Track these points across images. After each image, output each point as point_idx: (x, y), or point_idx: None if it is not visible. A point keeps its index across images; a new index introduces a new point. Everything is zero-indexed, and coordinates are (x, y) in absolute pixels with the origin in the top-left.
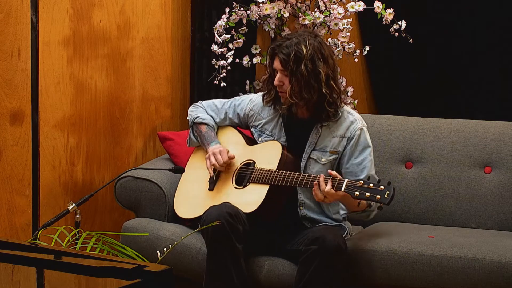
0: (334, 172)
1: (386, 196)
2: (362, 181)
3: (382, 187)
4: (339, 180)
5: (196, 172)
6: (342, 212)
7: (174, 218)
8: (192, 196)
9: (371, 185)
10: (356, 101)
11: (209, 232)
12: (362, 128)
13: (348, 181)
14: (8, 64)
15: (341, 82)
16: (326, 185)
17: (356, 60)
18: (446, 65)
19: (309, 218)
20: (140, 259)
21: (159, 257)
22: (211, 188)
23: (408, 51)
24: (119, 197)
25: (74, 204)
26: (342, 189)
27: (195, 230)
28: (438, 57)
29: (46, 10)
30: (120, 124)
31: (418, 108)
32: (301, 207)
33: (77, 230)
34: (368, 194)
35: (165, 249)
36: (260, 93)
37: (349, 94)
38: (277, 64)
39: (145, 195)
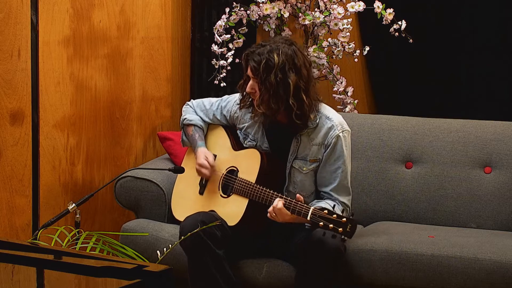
0: (301, 198)
1: (348, 229)
2: (326, 211)
3: (344, 219)
4: (305, 207)
5: (189, 172)
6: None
7: (174, 218)
8: (186, 199)
9: (334, 216)
10: (356, 101)
11: (187, 243)
12: (339, 135)
13: (313, 210)
14: (8, 64)
15: (341, 82)
16: (278, 203)
17: (356, 60)
18: (446, 65)
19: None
20: (140, 259)
21: (159, 257)
22: (201, 192)
23: (408, 51)
24: (119, 197)
25: (74, 204)
26: (308, 217)
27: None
28: (438, 57)
29: (46, 10)
30: (120, 124)
31: (418, 108)
32: None
33: (77, 230)
34: (331, 225)
35: (165, 249)
36: None
37: (349, 94)
38: (249, 71)
39: (145, 195)
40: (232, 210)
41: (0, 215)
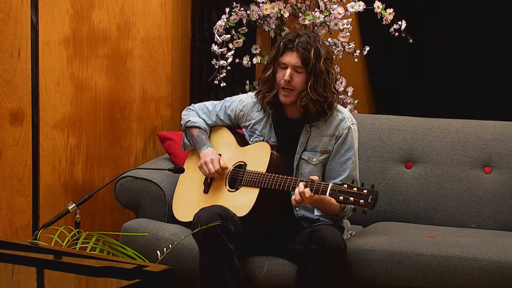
0: (316, 178)
1: (369, 200)
2: (346, 185)
3: (365, 191)
4: (324, 184)
5: (192, 174)
6: (316, 213)
7: (174, 218)
8: (189, 199)
9: (355, 189)
10: (356, 101)
11: (200, 234)
12: (350, 127)
13: (332, 185)
14: (8, 64)
15: (341, 82)
16: (310, 189)
17: (356, 60)
18: (446, 65)
19: (306, 218)
20: (140, 259)
21: (159, 257)
22: (206, 191)
23: (408, 51)
24: (119, 197)
25: (74, 204)
26: (327, 194)
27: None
28: (438, 57)
29: (46, 10)
30: (120, 124)
31: (418, 108)
32: (297, 208)
33: (77, 230)
34: (352, 198)
35: (165, 249)
36: (250, 93)
37: (349, 94)
38: (290, 59)
39: (145, 195)
40: (242, 201)
41: (0, 215)
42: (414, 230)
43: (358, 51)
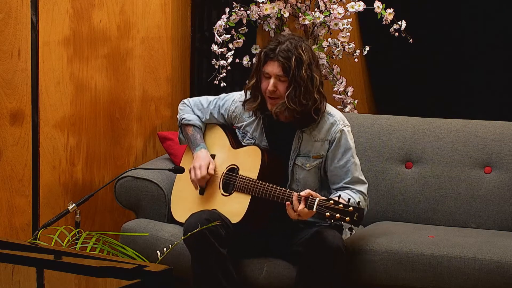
0: (307, 191)
1: (355, 218)
2: (332, 201)
3: (351, 208)
4: (310, 199)
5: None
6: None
7: (173, 218)
8: (185, 199)
9: (341, 205)
10: (356, 101)
11: (191, 241)
12: (343, 130)
13: (319, 200)
14: (8, 64)
15: (341, 82)
16: (300, 204)
17: (356, 60)
18: (446, 65)
19: (304, 222)
20: (140, 259)
21: (159, 257)
22: (201, 192)
23: (408, 51)
24: (119, 197)
25: (74, 204)
26: (314, 209)
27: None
28: (438, 57)
29: (46, 10)
30: (120, 124)
31: (418, 108)
32: None
33: (77, 230)
34: (338, 215)
35: (165, 249)
36: (243, 92)
37: (349, 94)
38: (272, 69)
39: (145, 195)
40: (234, 207)
41: (0, 215)
42: (414, 230)
43: (358, 51)
